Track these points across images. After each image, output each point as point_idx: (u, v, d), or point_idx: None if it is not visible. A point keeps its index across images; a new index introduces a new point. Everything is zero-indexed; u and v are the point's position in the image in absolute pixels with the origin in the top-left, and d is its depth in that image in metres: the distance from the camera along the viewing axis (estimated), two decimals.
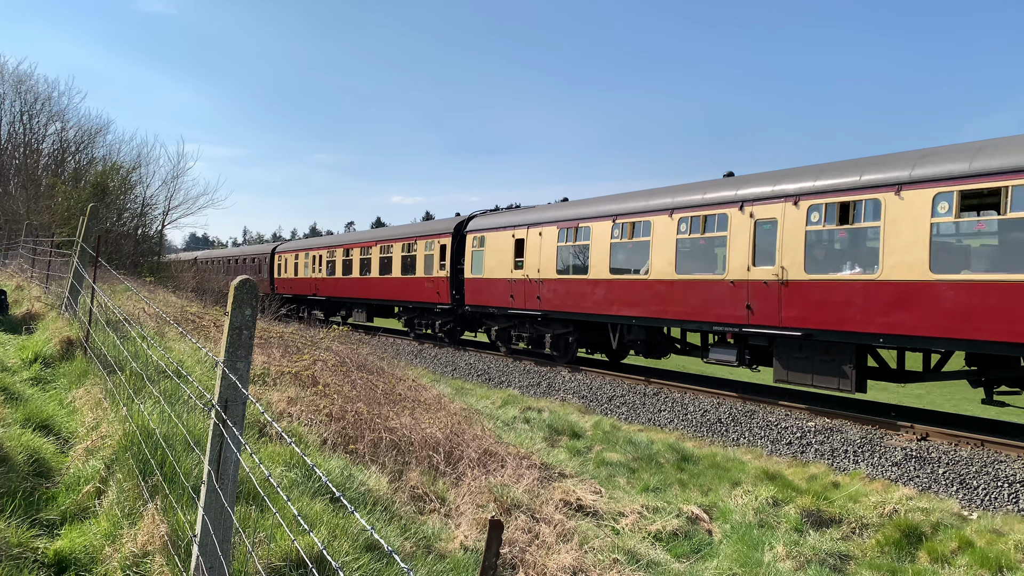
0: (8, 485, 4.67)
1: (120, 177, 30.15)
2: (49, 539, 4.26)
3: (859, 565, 8.57)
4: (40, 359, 8.16)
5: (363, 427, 8.26)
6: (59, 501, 4.72)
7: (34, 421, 6.03)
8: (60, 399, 6.94)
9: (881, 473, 12.21)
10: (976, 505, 10.89)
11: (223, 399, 3.37)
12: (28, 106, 34.05)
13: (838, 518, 9.79)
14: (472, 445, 9.28)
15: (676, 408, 16.41)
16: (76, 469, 5.15)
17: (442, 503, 7.22)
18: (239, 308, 3.42)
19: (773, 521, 9.57)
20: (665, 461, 12.18)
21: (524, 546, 6.74)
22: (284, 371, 9.56)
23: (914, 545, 9.06)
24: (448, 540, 6.12)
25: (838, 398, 16.71)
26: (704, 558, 8.20)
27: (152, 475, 4.59)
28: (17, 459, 5.05)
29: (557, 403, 17.23)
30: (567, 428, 13.73)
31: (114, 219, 30.41)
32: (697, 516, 9.53)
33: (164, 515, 4.13)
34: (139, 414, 5.34)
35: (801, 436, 13.90)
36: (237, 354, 3.41)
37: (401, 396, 10.64)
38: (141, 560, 3.89)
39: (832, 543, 8.99)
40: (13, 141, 34.57)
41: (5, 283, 13.00)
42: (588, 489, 9.61)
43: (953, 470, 11.69)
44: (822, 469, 12.20)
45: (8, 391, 6.73)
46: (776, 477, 11.38)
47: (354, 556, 4.54)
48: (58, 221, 25.26)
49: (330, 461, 6.55)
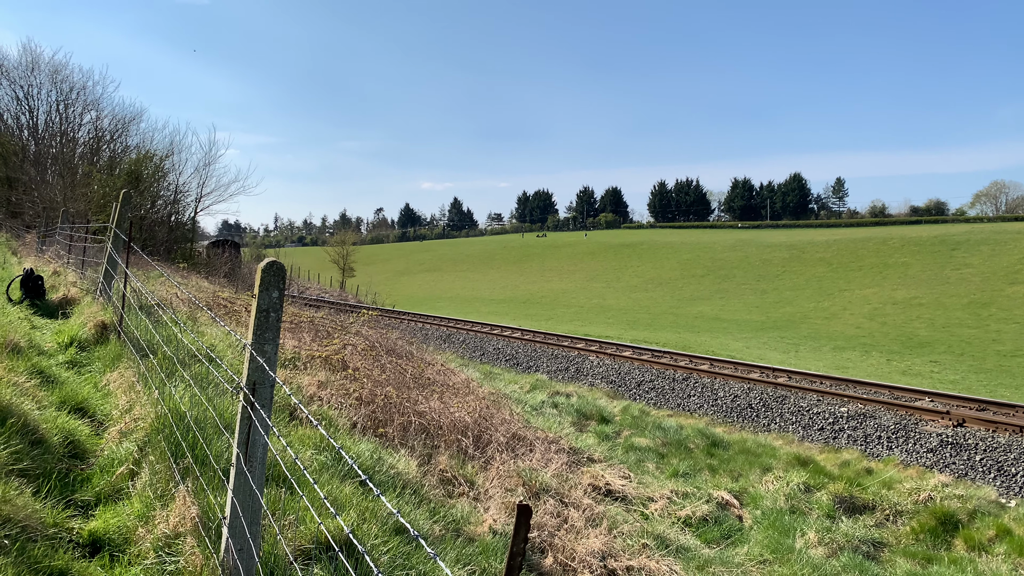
0: (44, 466, 4.74)
1: (153, 165, 30.52)
2: (84, 519, 4.32)
3: (893, 552, 8.44)
4: (75, 343, 8.28)
5: (392, 411, 8.29)
6: (93, 482, 4.79)
7: (69, 404, 6.12)
8: (95, 382, 7.03)
9: (916, 460, 12.01)
10: (1015, 492, 10.68)
11: (251, 382, 3.37)
12: (64, 95, 34.54)
13: (871, 505, 9.66)
14: (500, 429, 9.28)
15: (706, 393, 16.28)
16: (110, 451, 5.21)
17: (471, 487, 7.22)
18: (266, 290, 3.41)
19: (805, 507, 9.47)
20: (695, 446, 12.09)
21: (553, 530, 6.73)
22: (314, 355, 9.61)
23: (950, 532, 8.91)
24: (477, 523, 6.12)
25: (870, 383, 16.45)
26: (734, 544, 8.13)
27: (183, 457, 4.63)
28: (53, 441, 5.13)
29: (585, 388, 17.18)
30: (595, 413, 13.69)
31: (148, 206, 30.83)
32: (727, 502, 9.45)
33: (195, 497, 4.16)
34: (171, 397, 5.39)
35: (833, 422, 13.72)
36: (265, 336, 3.41)
37: (430, 380, 10.66)
38: (173, 541, 3.92)
39: (865, 530, 8.87)
40: (50, 130, 35.12)
41: (42, 269, 13.22)
42: (617, 474, 9.57)
43: (991, 457, 11.46)
44: (855, 455, 12.04)
45: (44, 374, 6.84)
46: (808, 463, 11.26)
47: (383, 539, 4.54)
48: (94, 208, 25.64)
49: (360, 444, 6.58)
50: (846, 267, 69.68)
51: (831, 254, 76.67)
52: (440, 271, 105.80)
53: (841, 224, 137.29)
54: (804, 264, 74.11)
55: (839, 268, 69.67)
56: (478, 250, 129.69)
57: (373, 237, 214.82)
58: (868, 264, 69.19)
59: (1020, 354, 30.15)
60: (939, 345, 33.48)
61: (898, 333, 38.78)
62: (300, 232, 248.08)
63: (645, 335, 34.03)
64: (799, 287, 63.41)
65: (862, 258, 72.28)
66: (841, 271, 68.33)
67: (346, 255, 77.72)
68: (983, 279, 56.08)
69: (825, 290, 60.35)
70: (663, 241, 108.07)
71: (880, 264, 68.30)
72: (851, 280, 63.54)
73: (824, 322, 44.75)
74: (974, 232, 79.07)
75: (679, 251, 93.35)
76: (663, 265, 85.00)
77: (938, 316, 44.43)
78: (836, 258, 74.37)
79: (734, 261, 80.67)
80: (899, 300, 51.96)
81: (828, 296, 57.20)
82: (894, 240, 78.71)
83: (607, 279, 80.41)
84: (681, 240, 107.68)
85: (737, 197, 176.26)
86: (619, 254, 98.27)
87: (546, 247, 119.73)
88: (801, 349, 31.98)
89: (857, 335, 38.19)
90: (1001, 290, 51.27)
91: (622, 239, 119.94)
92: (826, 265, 72.00)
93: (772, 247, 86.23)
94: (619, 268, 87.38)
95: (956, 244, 70.76)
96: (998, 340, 34.61)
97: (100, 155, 34.35)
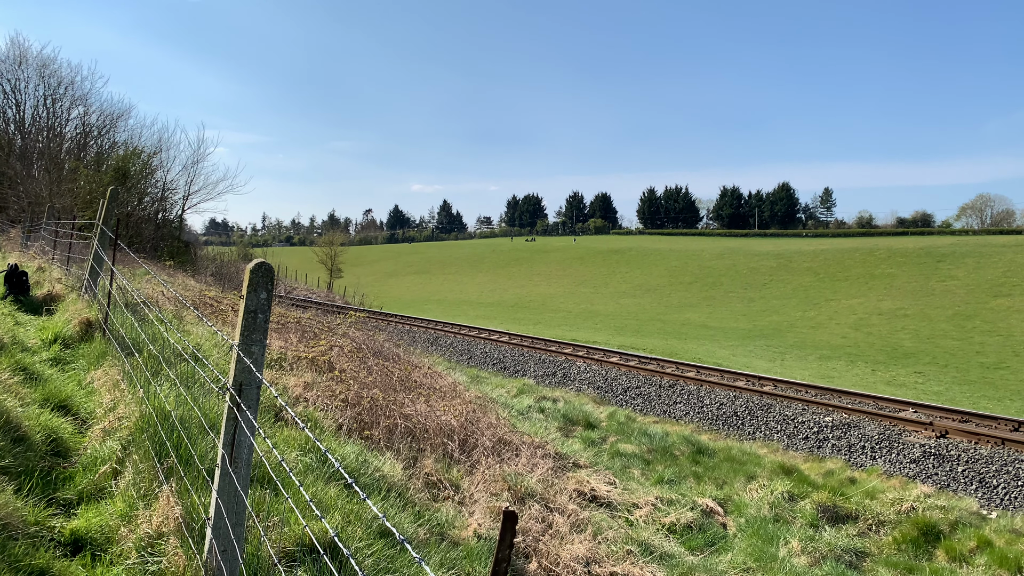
0: (26, 464, 4.69)
1: (141, 161, 30.35)
2: (66, 518, 4.28)
3: (875, 562, 8.49)
4: (60, 340, 8.21)
5: (379, 413, 8.27)
6: (76, 481, 4.74)
7: (53, 401, 6.06)
8: (79, 380, 6.98)
9: (899, 470, 12.09)
10: (995, 504, 10.76)
11: (237, 382, 3.36)
12: (51, 90, 34.29)
13: (854, 514, 9.71)
14: (487, 433, 9.27)
15: (692, 400, 16.33)
16: (93, 449, 5.17)
17: (456, 491, 7.21)
18: (254, 291, 3.39)
19: (788, 516, 9.51)
20: (680, 453, 12.12)
21: (538, 535, 6.72)
22: (301, 356, 9.58)
23: (932, 543, 8.96)
24: (462, 527, 6.11)
25: (855, 393, 16.55)
26: (718, 551, 8.15)
27: (168, 457, 4.60)
28: (35, 438, 5.08)
29: (572, 393, 17.20)
30: (582, 418, 13.70)
31: (135, 203, 30.63)
32: (712, 509, 9.48)
33: (179, 497, 4.13)
34: (156, 396, 5.35)
35: (818, 431, 13.79)
36: (252, 337, 3.39)
37: (417, 383, 10.64)
38: (156, 541, 3.89)
39: (848, 539, 8.92)
40: (37, 125, 34.85)
41: (27, 264, 13.11)
42: (602, 480, 9.58)
43: (973, 468, 11.55)
44: (839, 465, 12.11)
45: (28, 371, 6.77)
46: (792, 472, 11.31)
47: (368, 542, 4.53)
48: (80, 204, 25.45)
49: (345, 446, 6.55)
50: (833, 277, 70.10)
51: (818, 264, 77.12)
52: (428, 273, 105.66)
53: (828, 234, 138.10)
54: (791, 273, 74.50)
55: (826, 278, 70.08)
56: (467, 253, 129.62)
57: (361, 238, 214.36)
58: (854, 274, 69.62)
59: (1003, 366, 30.41)
60: (924, 356, 33.72)
61: (883, 343, 39.03)
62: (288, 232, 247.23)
63: (632, 341, 34.10)
64: (786, 296, 63.74)
65: (849, 268, 72.73)
66: (828, 281, 68.74)
67: (334, 256, 77.49)
68: (968, 291, 56.55)
69: (811, 299, 60.68)
70: (652, 248, 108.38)
71: (866, 274, 68.74)
72: (837, 290, 63.91)
73: (810, 331, 44.99)
74: (959, 245, 79.73)
75: (667, 258, 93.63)
76: (651, 272, 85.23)
77: (923, 327, 44.75)
78: (823, 268, 74.80)
79: (722, 269, 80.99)
80: (885, 311, 52.31)
81: (814, 305, 57.52)
82: (880, 251, 79.26)
83: (595, 284, 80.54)
84: (669, 247, 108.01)
85: (726, 205, 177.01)
86: (608, 260, 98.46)
87: (535, 251, 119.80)
88: (787, 358, 32.13)
89: (843, 345, 38.41)
90: (985, 303, 51.71)
91: (611, 245, 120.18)
92: (813, 275, 72.41)
93: (760, 256, 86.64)
94: (607, 274, 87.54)
95: (942, 256, 71.32)
96: (982, 352, 34.90)
97: (87, 151, 34.12)
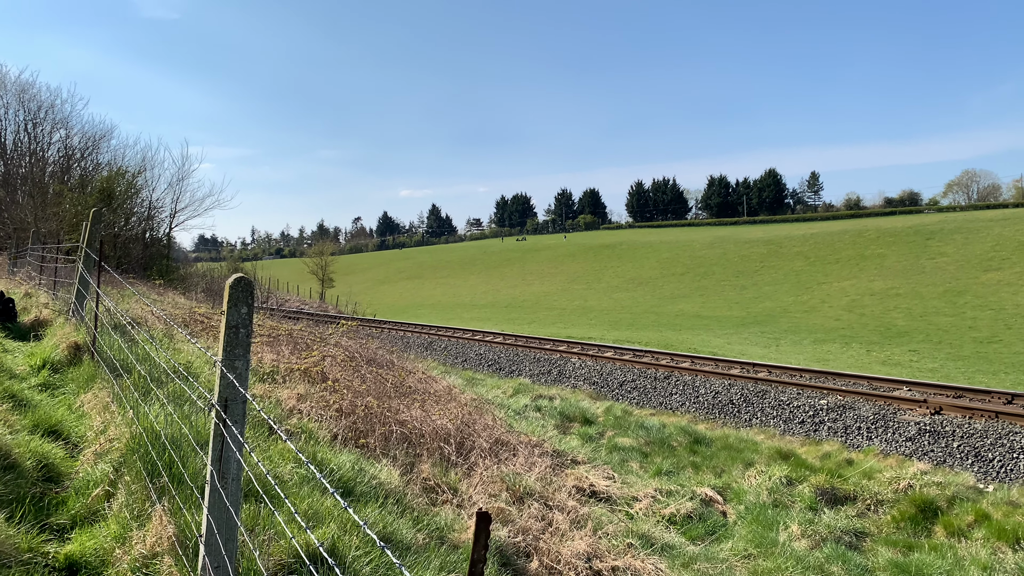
0: (17, 491, 4.68)
1: (125, 182, 30.22)
2: (59, 543, 4.27)
3: (875, 542, 8.53)
4: (48, 365, 8.18)
5: (374, 421, 8.27)
6: (69, 505, 4.73)
7: (43, 427, 6.04)
8: (69, 404, 6.95)
9: (895, 449, 12.15)
10: (992, 478, 10.82)
11: (223, 398, 3.35)
12: (32, 115, 34.11)
13: (853, 495, 9.75)
14: (483, 435, 9.28)
15: (687, 391, 16.37)
16: (85, 473, 5.15)
17: (454, 494, 7.21)
18: (235, 306, 3.39)
19: (787, 500, 9.54)
20: (678, 444, 12.15)
21: (538, 534, 6.73)
22: (293, 368, 9.56)
23: (930, 520, 9.01)
24: (461, 531, 6.11)
25: (849, 375, 16.62)
26: (719, 540, 8.18)
27: (159, 477, 4.60)
28: (26, 465, 5.06)
29: (568, 390, 17.22)
30: (578, 415, 13.72)
31: (122, 223, 30.50)
32: (711, 498, 9.51)
33: (172, 516, 4.13)
34: (146, 417, 5.34)
35: (814, 415, 13.84)
36: (235, 352, 3.39)
37: (411, 389, 10.64)
38: (150, 561, 3.89)
39: (847, 520, 8.96)
40: (19, 150, 34.67)
41: (13, 291, 13.05)
42: (601, 475, 9.60)
43: (968, 443, 11.62)
44: (835, 447, 12.15)
45: (17, 398, 6.75)
46: (789, 456, 11.35)
47: (365, 550, 4.53)
48: (66, 228, 25.32)
49: (341, 456, 6.55)
50: (823, 260, 70.35)
51: (808, 248, 77.38)
52: (420, 278, 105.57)
53: (817, 218, 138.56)
54: (782, 259, 74.74)
55: (816, 261, 70.33)
56: (458, 256, 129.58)
57: (352, 247, 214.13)
58: (845, 256, 69.90)
59: (996, 340, 30.58)
60: (917, 334, 33.88)
61: (877, 324, 39.19)
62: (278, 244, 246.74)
63: (627, 335, 34.15)
64: (778, 281, 63.93)
65: (839, 251, 73.01)
66: (819, 264, 68.98)
67: (325, 266, 77.32)
68: (958, 267, 56.84)
69: (803, 284, 60.89)
70: (642, 241, 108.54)
71: (857, 256, 69.02)
72: (829, 273, 64.15)
73: (804, 315, 45.14)
74: (947, 221, 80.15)
75: (658, 250, 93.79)
76: (643, 265, 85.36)
77: (915, 305, 44.96)
78: (813, 252, 75.06)
79: (713, 258, 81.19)
80: (876, 291, 52.52)
81: (807, 289, 57.72)
82: (870, 232, 79.58)
83: (588, 280, 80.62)
84: (660, 239, 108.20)
85: (714, 195, 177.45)
86: (599, 255, 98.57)
87: (526, 251, 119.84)
88: (782, 343, 32.24)
89: (837, 327, 38.56)
90: (976, 277, 51.98)
91: (601, 240, 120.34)
92: (804, 259, 72.66)
93: (750, 243, 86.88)
94: (599, 269, 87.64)
95: (930, 234, 71.67)
96: (974, 327, 35.08)
97: (71, 173, 33.96)
